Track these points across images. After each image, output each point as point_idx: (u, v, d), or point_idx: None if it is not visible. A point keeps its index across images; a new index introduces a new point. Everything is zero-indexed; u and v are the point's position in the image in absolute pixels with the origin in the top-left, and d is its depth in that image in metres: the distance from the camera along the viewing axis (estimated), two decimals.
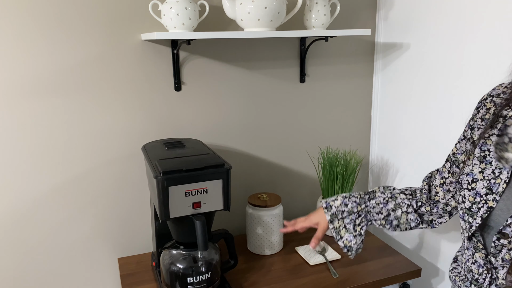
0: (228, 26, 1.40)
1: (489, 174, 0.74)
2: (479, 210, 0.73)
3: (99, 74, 1.29)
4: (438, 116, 1.36)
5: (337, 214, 1.03)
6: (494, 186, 0.72)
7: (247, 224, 1.40)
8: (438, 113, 1.36)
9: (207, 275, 1.12)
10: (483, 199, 0.73)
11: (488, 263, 0.75)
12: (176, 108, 1.40)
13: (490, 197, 0.72)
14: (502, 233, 0.70)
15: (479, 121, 0.82)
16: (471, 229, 0.75)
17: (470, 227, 0.75)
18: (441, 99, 1.34)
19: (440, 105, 1.35)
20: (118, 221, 1.41)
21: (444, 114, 1.34)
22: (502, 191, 0.71)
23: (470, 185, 0.76)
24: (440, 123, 1.36)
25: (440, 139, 1.37)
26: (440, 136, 1.36)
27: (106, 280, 1.43)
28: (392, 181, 1.62)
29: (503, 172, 0.72)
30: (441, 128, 1.36)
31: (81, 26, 1.24)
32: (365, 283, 1.22)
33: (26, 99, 1.23)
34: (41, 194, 1.30)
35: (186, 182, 1.03)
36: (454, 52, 1.27)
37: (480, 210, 0.73)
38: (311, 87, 1.57)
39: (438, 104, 1.36)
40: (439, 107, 1.35)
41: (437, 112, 1.36)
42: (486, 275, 0.75)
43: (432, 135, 1.39)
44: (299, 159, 1.62)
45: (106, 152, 1.34)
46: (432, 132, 1.39)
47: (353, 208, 1.02)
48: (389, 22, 1.54)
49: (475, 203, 0.74)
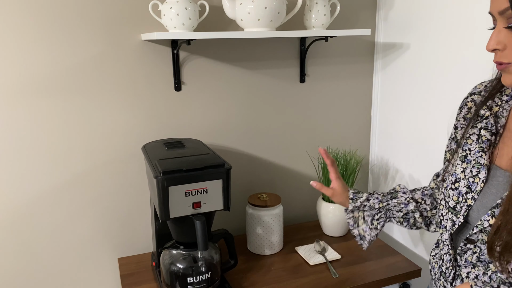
0: (228, 26, 1.40)
1: (468, 173, 0.75)
2: (461, 209, 0.75)
3: (99, 74, 1.29)
4: (437, 116, 1.36)
5: (359, 207, 1.05)
6: (473, 185, 0.74)
7: (247, 224, 1.40)
8: (437, 113, 1.36)
9: (207, 275, 1.12)
10: (463, 198, 0.75)
11: (454, 260, 0.78)
12: (176, 108, 1.40)
13: (469, 195, 0.74)
14: (469, 240, 0.74)
15: (462, 120, 0.84)
16: (453, 227, 0.77)
17: (453, 225, 0.77)
18: (441, 99, 1.34)
19: (440, 105, 1.35)
20: (118, 221, 1.41)
21: (443, 114, 1.34)
22: (480, 190, 0.73)
23: (454, 185, 0.78)
24: (439, 123, 1.36)
25: (439, 139, 1.37)
26: (439, 136, 1.36)
27: (106, 280, 1.43)
28: (392, 181, 1.62)
29: (481, 172, 0.74)
30: (440, 128, 1.36)
31: (81, 26, 1.24)
32: (365, 283, 1.22)
33: (26, 99, 1.23)
34: (41, 194, 1.30)
35: (186, 182, 1.03)
36: (453, 52, 1.27)
37: (462, 209, 0.75)
38: (311, 87, 1.57)
39: (437, 104, 1.36)
40: (439, 107, 1.35)
41: (436, 112, 1.36)
42: (451, 271, 0.78)
43: (432, 135, 1.40)
44: (299, 159, 1.62)
45: (106, 152, 1.35)
46: (432, 132, 1.39)
47: (374, 204, 1.04)
48: (389, 22, 1.54)
49: (459, 202, 0.76)
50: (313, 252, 1.38)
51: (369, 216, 1.04)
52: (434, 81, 1.36)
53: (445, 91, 1.32)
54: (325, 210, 1.48)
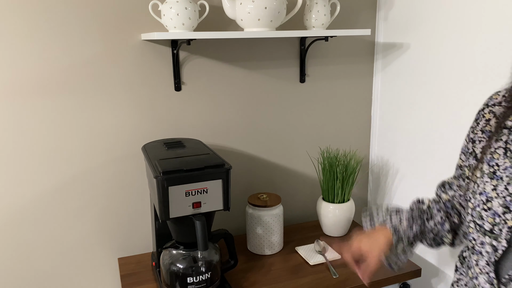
0: (228, 26, 1.40)
1: (503, 191, 0.69)
2: (501, 232, 0.68)
3: (99, 74, 1.29)
4: (437, 116, 1.36)
5: (403, 238, 0.93)
6: (511, 204, 0.67)
7: (247, 224, 1.40)
8: (437, 113, 1.36)
9: (207, 275, 1.12)
10: (502, 219, 0.68)
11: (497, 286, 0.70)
12: (176, 108, 1.40)
13: (509, 216, 0.67)
14: None
15: (480, 133, 0.78)
16: (496, 253, 0.69)
17: (495, 251, 0.69)
18: (441, 99, 1.34)
19: (440, 105, 1.35)
20: (118, 221, 1.41)
21: (443, 115, 1.34)
22: None
23: (486, 205, 0.70)
24: (439, 123, 1.36)
25: (439, 139, 1.37)
26: (439, 136, 1.36)
27: (106, 280, 1.43)
28: (392, 181, 1.62)
29: None
30: (440, 129, 1.36)
31: (81, 26, 1.24)
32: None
33: (24, 99, 1.23)
34: (40, 194, 1.30)
35: (186, 182, 1.03)
36: (454, 52, 1.27)
37: (502, 231, 0.68)
38: (311, 87, 1.57)
39: (437, 104, 1.36)
40: (439, 107, 1.35)
41: (436, 112, 1.36)
42: None
43: (432, 135, 1.40)
44: (299, 159, 1.62)
45: (106, 152, 1.35)
46: (432, 132, 1.39)
47: (417, 230, 0.93)
48: (389, 22, 1.54)
49: (496, 224, 0.68)
50: (313, 252, 1.38)
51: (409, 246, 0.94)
52: (434, 81, 1.36)
53: (445, 92, 1.32)
54: (325, 210, 1.48)
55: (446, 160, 1.35)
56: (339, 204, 1.47)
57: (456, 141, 1.31)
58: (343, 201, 1.48)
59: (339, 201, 1.48)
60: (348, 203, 1.48)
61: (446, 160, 1.35)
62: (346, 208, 1.47)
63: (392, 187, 1.62)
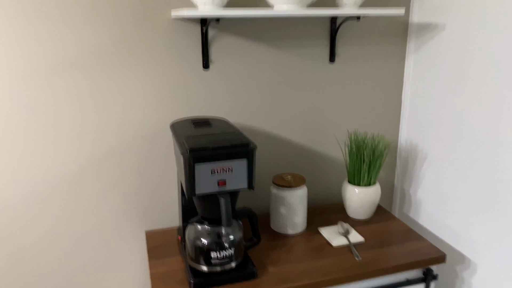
0: (258, 3, 1.38)
1: None
2: None
3: (129, 52, 1.30)
4: (472, 103, 1.31)
5: None
6: None
7: (271, 203, 1.41)
8: (473, 100, 1.31)
9: (230, 251, 1.14)
10: None
11: None
12: (204, 87, 1.41)
13: None
14: None
15: None
16: None
17: None
18: (478, 85, 1.29)
19: (476, 91, 1.30)
20: (146, 196, 1.45)
21: (479, 102, 1.29)
22: None
23: None
24: (474, 110, 1.31)
25: (473, 127, 1.32)
26: (473, 124, 1.32)
27: (133, 252, 1.49)
28: (420, 166, 1.59)
29: None
30: (475, 116, 1.31)
31: (112, 4, 1.25)
32: (388, 267, 1.21)
33: (58, 76, 1.26)
34: (73, 170, 1.35)
35: (212, 160, 1.04)
36: (495, 34, 1.21)
37: None
38: (341, 68, 1.54)
39: (474, 90, 1.31)
40: (475, 94, 1.30)
41: (472, 99, 1.31)
42: None
43: (465, 123, 1.35)
44: (326, 140, 1.61)
45: (136, 129, 1.38)
46: (465, 118, 1.35)
47: None
48: (425, 1, 1.48)
49: None
50: (336, 234, 1.38)
51: None
52: (471, 65, 1.31)
53: (481, 77, 1.27)
54: (350, 193, 1.48)
55: (478, 148, 1.31)
56: (365, 187, 1.46)
57: (490, 128, 1.26)
58: (369, 184, 1.47)
59: (365, 184, 1.46)
60: (374, 187, 1.47)
61: (478, 148, 1.31)
62: (371, 191, 1.46)
63: (420, 172, 1.59)
